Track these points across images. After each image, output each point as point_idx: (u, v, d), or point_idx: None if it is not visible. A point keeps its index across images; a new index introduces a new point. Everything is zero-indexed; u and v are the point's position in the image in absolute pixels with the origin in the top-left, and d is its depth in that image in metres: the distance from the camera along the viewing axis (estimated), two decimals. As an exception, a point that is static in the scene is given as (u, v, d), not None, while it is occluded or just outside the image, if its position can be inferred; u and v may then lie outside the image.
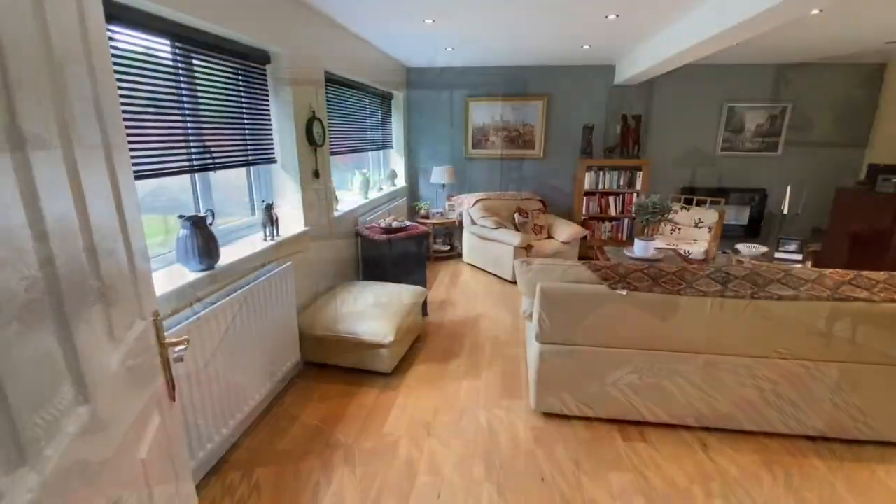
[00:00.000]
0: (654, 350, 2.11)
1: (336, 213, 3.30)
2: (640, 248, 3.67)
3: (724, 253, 5.18)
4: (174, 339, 1.01)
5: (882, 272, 2.04)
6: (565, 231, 4.61)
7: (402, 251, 3.30)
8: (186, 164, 1.97)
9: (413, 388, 2.57)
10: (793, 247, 3.67)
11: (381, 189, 4.63)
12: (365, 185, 4.05)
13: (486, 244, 4.63)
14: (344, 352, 2.64)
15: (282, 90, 2.58)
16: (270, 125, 2.62)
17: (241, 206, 2.64)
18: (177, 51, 1.93)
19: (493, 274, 4.69)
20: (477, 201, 4.88)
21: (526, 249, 4.33)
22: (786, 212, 3.63)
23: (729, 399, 2.11)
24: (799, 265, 3.61)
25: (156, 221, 2.06)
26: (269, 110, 2.60)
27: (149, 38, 1.77)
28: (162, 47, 1.85)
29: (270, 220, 2.41)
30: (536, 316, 2.15)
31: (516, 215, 4.74)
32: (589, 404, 2.22)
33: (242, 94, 2.36)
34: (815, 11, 2.70)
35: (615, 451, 2.07)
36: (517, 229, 4.73)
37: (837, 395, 2.03)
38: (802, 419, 2.09)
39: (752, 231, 5.25)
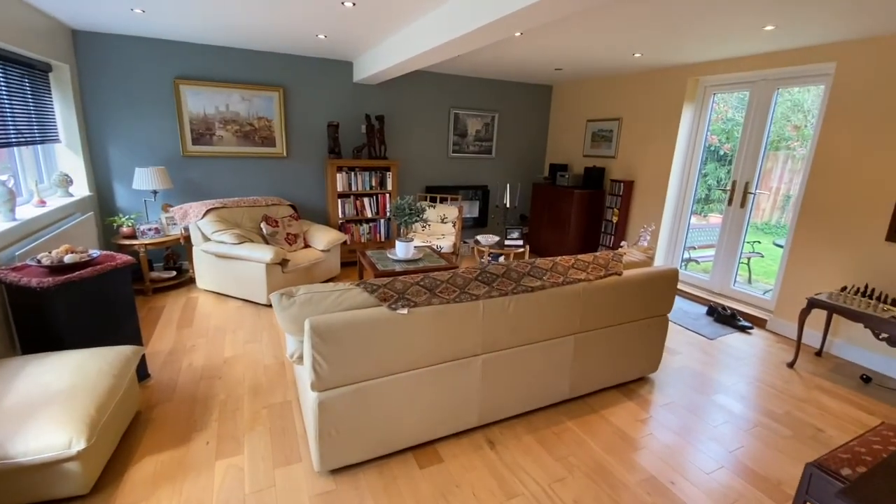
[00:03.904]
0: (439, 364, 2.01)
1: (-64, 253, 1.94)
2: (401, 250, 3.65)
3: (465, 243, 5.88)
4: None
5: (588, 254, 2.51)
6: (323, 238, 4.22)
7: (90, 297, 2.22)
8: None
9: (135, 502, 1.73)
10: (516, 234, 4.38)
11: (43, 204, 3.11)
12: (6, 200, 2.60)
13: (229, 263, 3.78)
14: (-20, 492, 1.54)
15: None
16: None
17: None
18: None
19: (242, 299, 3.89)
20: (208, 211, 3.91)
21: (281, 264, 3.73)
22: (508, 206, 4.27)
23: (502, 391, 2.23)
24: (521, 249, 4.34)
25: None
26: None
27: None
28: None
29: None
30: (309, 360, 1.72)
31: (263, 225, 4.04)
32: (381, 442, 1.96)
33: None
34: (517, 34, 3.14)
35: (415, 486, 1.88)
36: (266, 241, 4.05)
37: (575, 361, 2.41)
38: (553, 389, 2.40)
39: (481, 222, 6.12)
